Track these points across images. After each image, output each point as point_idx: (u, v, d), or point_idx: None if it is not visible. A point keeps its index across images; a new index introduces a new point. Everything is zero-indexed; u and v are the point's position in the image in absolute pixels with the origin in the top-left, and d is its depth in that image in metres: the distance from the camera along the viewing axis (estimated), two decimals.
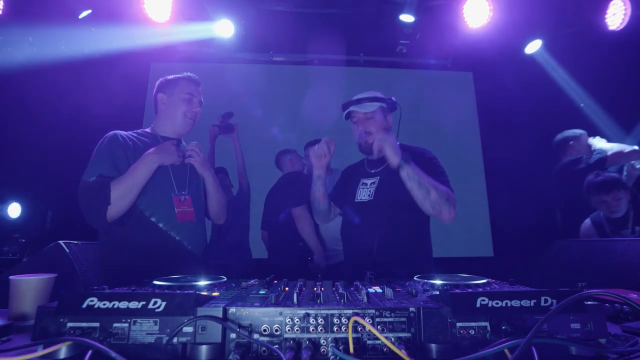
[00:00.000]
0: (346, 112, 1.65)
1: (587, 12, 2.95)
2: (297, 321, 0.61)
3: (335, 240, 2.30)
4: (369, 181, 1.67)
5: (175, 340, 0.59)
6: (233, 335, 0.59)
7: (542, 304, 0.61)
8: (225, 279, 0.95)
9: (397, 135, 1.66)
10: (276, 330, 0.60)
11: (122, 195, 1.38)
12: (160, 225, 1.46)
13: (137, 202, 1.44)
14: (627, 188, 2.20)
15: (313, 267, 2.20)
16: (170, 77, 1.67)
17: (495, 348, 0.52)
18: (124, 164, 1.43)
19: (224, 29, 3.14)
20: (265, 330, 0.60)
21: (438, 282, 0.86)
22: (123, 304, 0.60)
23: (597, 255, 1.52)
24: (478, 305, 0.61)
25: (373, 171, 1.69)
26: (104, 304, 0.60)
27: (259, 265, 2.76)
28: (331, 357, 0.56)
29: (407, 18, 3.13)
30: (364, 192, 1.65)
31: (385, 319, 0.61)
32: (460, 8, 3.00)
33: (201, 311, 0.61)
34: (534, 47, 3.33)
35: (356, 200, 1.66)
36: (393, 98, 1.67)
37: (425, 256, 1.63)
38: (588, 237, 2.25)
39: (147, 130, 1.64)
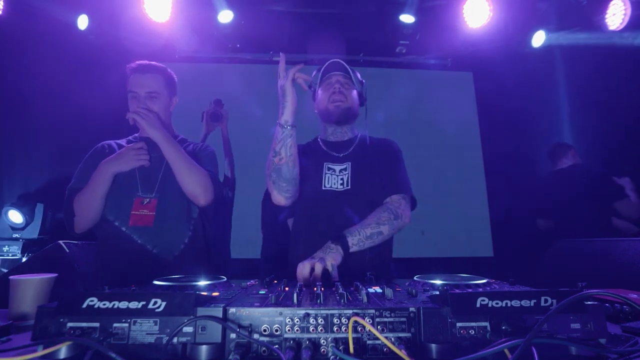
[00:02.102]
0: (327, 65, 1.47)
1: (587, 12, 2.95)
2: (297, 321, 0.61)
3: None
4: (337, 167, 1.46)
5: (175, 340, 0.59)
6: (233, 335, 0.59)
7: (542, 304, 0.61)
8: (225, 279, 0.95)
9: (366, 131, 1.55)
10: (276, 330, 0.60)
11: (83, 207, 1.38)
12: (123, 228, 1.41)
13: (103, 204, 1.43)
14: None
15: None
16: None
17: (495, 348, 0.52)
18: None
19: (223, 16, 3.13)
20: (265, 330, 0.60)
21: (438, 282, 0.86)
22: (123, 304, 0.60)
23: (597, 255, 1.52)
24: (478, 305, 0.61)
25: (342, 155, 1.49)
26: (104, 304, 0.60)
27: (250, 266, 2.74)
28: (331, 357, 0.56)
29: (407, 19, 3.13)
30: (334, 179, 1.43)
31: (385, 319, 0.61)
32: (460, 8, 3.00)
33: (201, 311, 0.61)
34: (539, 39, 3.24)
35: (324, 188, 1.42)
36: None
37: (389, 256, 1.47)
38: None
39: (137, 134, 1.61)
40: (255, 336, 0.60)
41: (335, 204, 1.38)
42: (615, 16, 2.84)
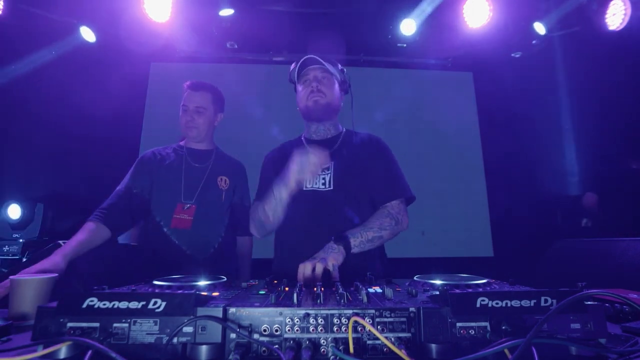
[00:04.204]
0: (302, 61, 1.44)
1: (587, 12, 2.94)
2: (297, 321, 0.61)
3: None
4: None
5: (175, 340, 0.59)
6: (233, 335, 0.59)
7: (542, 304, 0.61)
8: (225, 279, 0.95)
9: (352, 124, 1.53)
10: (276, 330, 0.60)
11: None
12: (165, 229, 1.61)
13: (150, 207, 1.64)
14: None
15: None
16: None
17: (495, 348, 0.52)
18: (146, 182, 1.66)
19: (223, 13, 3.13)
20: (265, 330, 0.60)
21: (438, 282, 0.86)
22: (123, 304, 0.60)
23: (597, 255, 1.52)
24: (478, 305, 0.61)
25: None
26: (104, 304, 0.60)
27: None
28: (331, 357, 0.56)
29: (408, 27, 3.12)
30: (316, 179, 1.41)
31: (385, 319, 0.61)
32: (460, 8, 3.00)
33: (201, 311, 0.61)
34: (541, 27, 3.16)
35: (306, 188, 1.39)
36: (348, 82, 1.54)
37: (380, 254, 1.46)
38: None
39: (182, 143, 1.83)
40: (255, 336, 0.60)
41: (318, 204, 1.37)
42: (615, 16, 2.84)
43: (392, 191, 1.40)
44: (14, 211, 2.86)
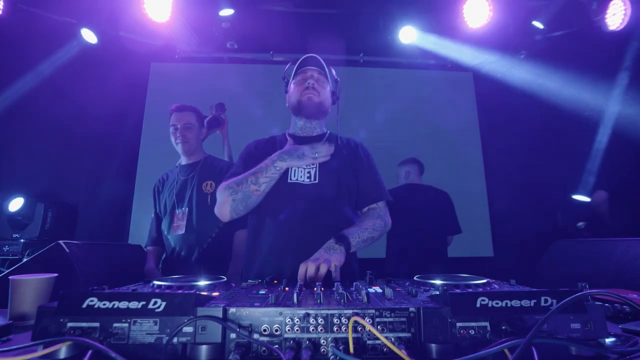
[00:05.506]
0: (303, 59, 1.47)
1: (587, 12, 2.95)
2: (297, 321, 0.61)
3: None
4: None
5: (175, 340, 0.59)
6: (233, 335, 0.59)
7: (542, 304, 0.61)
8: (225, 279, 0.95)
9: (338, 130, 1.53)
10: (276, 330, 0.60)
11: None
12: (169, 237, 1.88)
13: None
14: None
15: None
16: None
17: (495, 348, 0.52)
18: (160, 200, 2.00)
19: (223, 13, 3.12)
20: (265, 330, 0.60)
21: (438, 282, 0.86)
22: (123, 304, 0.60)
23: (597, 255, 1.52)
24: (478, 305, 0.61)
25: None
26: (104, 304, 0.60)
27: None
28: (331, 357, 0.56)
29: (407, 35, 3.12)
30: (300, 172, 1.38)
31: (385, 319, 0.61)
32: (460, 8, 3.00)
33: (201, 311, 0.61)
34: (540, 25, 3.18)
35: (290, 181, 1.37)
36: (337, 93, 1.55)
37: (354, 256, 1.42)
38: None
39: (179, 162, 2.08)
40: (255, 336, 0.60)
41: (302, 197, 1.34)
42: (615, 16, 2.84)
43: (378, 193, 1.43)
44: (15, 204, 2.86)
